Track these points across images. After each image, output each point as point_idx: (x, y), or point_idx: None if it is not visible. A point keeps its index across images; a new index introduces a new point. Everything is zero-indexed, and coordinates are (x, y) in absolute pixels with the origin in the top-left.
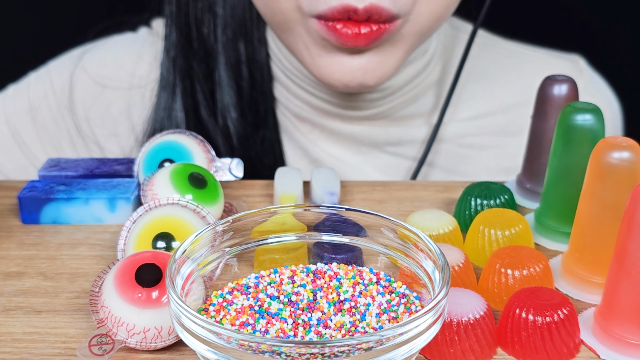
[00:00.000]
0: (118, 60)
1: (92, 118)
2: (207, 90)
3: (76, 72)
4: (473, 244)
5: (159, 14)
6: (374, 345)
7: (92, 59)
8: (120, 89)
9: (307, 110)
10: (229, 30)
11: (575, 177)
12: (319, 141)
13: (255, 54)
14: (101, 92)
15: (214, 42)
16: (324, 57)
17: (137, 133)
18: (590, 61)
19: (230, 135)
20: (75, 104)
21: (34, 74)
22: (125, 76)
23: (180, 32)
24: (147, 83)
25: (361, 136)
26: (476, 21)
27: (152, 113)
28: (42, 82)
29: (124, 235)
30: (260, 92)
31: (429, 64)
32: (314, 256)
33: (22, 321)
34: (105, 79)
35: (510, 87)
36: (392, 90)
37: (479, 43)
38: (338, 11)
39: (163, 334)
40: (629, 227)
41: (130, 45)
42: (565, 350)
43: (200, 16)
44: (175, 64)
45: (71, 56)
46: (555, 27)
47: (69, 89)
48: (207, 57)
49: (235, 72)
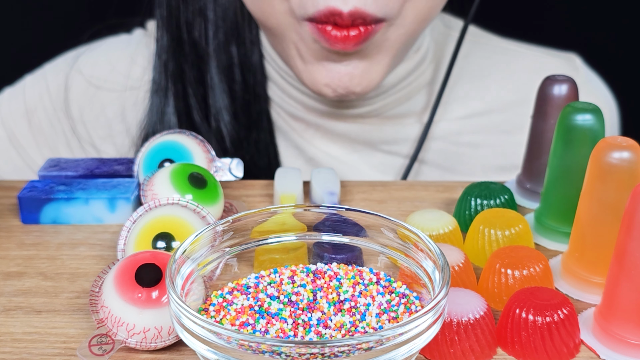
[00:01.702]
0: (112, 61)
1: (88, 120)
2: (199, 94)
3: (71, 74)
4: (473, 244)
5: (151, 16)
6: (374, 345)
7: (86, 61)
8: (115, 90)
9: (300, 109)
10: (221, 33)
11: (575, 177)
12: (313, 140)
13: (248, 56)
14: (96, 94)
15: (206, 45)
16: (314, 65)
17: (132, 135)
18: (586, 59)
19: (224, 139)
20: (71, 106)
21: (29, 77)
22: (120, 78)
23: (171, 36)
24: (141, 84)
25: (356, 135)
26: (467, 18)
27: (145, 117)
28: (37, 85)
29: (124, 235)
30: (253, 95)
31: (422, 62)
32: (314, 256)
33: (22, 321)
34: (99, 80)
35: (506, 85)
36: (385, 88)
37: (472, 41)
38: (324, 14)
39: (163, 334)
40: (629, 227)
41: (124, 47)
42: (565, 350)
43: (191, 20)
44: (167, 68)
45: (66, 58)
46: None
47: (64, 91)
48: (199, 60)
49: (228, 76)
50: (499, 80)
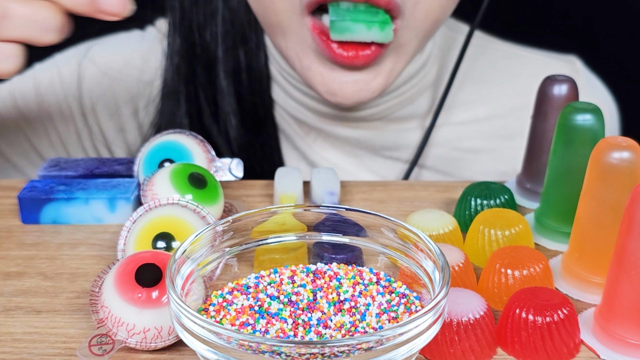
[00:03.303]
0: (125, 56)
1: (99, 110)
2: (210, 96)
3: (84, 63)
4: (473, 244)
5: (158, 11)
6: (374, 345)
7: (100, 52)
8: (128, 83)
9: (303, 112)
10: (229, 37)
11: (575, 177)
12: (315, 145)
13: (254, 59)
14: (109, 85)
15: (215, 48)
16: (318, 67)
17: (143, 131)
18: (587, 62)
19: (231, 142)
20: (83, 95)
21: (39, 65)
22: (134, 71)
23: (183, 39)
24: (153, 79)
25: (357, 139)
26: (473, 23)
27: (157, 119)
28: (48, 71)
29: (124, 235)
30: (259, 98)
31: (425, 64)
32: (314, 256)
33: (22, 321)
34: (114, 71)
35: (507, 90)
36: (389, 90)
37: (475, 44)
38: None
39: (163, 334)
40: (629, 227)
41: (137, 43)
42: (565, 350)
43: (203, 22)
44: (179, 70)
45: (78, 49)
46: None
47: (77, 79)
48: (209, 63)
49: (235, 79)
50: (501, 85)
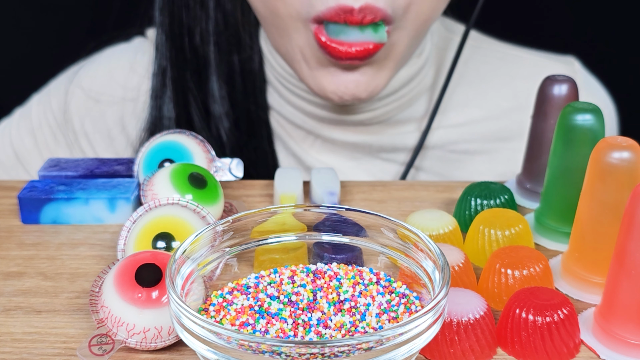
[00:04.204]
0: (111, 72)
1: (89, 132)
2: (200, 100)
3: (70, 89)
4: (473, 244)
5: (150, 24)
6: (374, 345)
7: (85, 74)
8: (114, 101)
9: (299, 117)
10: (222, 40)
11: (575, 177)
12: (312, 150)
13: (249, 62)
14: (95, 107)
15: (206, 51)
16: (320, 70)
17: (133, 144)
18: (585, 63)
19: (224, 145)
20: (73, 120)
21: (36, 96)
22: (118, 88)
23: (172, 42)
24: (139, 94)
25: (355, 143)
26: (468, 23)
27: (146, 124)
28: (42, 102)
29: (124, 235)
30: (253, 102)
31: (423, 67)
32: (314, 256)
33: (22, 321)
34: (98, 93)
35: (504, 91)
36: (387, 94)
37: (472, 45)
38: (335, 11)
39: (163, 334)
40: (629, 227)
41: (122, 56)
42: (565, 350)
43: (192, 26)
44: (165, 75)
45: (67, 74)
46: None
47: (64, 106)
48: (199, 67)
49: (228, 83)
50: (497, 86)
